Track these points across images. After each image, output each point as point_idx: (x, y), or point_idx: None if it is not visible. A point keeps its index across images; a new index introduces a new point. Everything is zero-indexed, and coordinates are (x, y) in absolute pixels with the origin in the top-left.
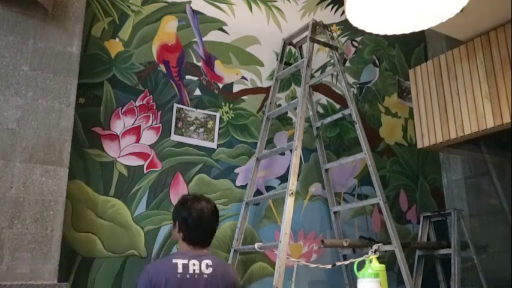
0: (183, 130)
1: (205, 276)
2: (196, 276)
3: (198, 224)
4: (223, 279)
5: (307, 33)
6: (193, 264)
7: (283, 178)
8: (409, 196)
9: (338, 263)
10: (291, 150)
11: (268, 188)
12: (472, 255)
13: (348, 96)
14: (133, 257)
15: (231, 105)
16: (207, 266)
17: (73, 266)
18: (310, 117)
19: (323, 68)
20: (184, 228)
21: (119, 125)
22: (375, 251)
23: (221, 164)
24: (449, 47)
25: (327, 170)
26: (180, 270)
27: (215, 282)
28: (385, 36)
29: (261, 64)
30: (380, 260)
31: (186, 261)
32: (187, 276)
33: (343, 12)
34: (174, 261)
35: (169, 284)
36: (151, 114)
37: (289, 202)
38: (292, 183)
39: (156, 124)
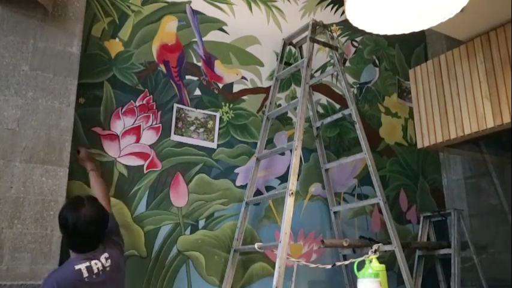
0: (183, 130)
1: (108, 269)
2: (101, 273)
3: (73, 233)
4: (119, 260)
5: (307, 33)
6: (96, 264)
7: (283, 178)
8: (409, 196)
9: (338, 263)
10: (291, 150)
11: (268, 188)
12: (472, 255)
13: (348, 96)
14: (134, 257)
15: (231, 105)
16: (106, 259)
17: None
18: (310, 117)
19: (323, 68)
20: (63, 236)
21: (119, 125)
22: (375, 251)
23: (221, 164)
24: (449, 47)
25: (327, 170)
26: (85, 274)
27: (116, 268)
28: (385, 36)
29: (261, 64)
30: (380, 260)
31: (88, 263)
32: (94, 277)
33: (343, 12)
34: (76, 267)
35: None
36: (151, 114)
37: (289, 202)
38: (292, 183)
39: (156, 124)
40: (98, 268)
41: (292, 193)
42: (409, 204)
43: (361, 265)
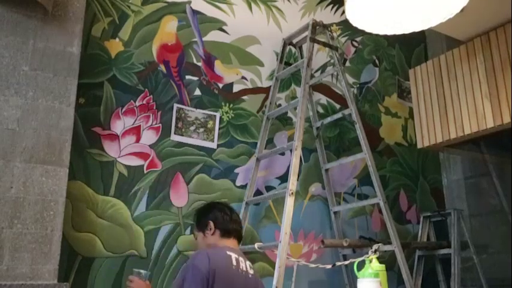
0: (183, 130)
1: (250, 276)
2: (244, 273)
3: (231, 218)
4: (261, 286)
5: (307, 33)
6: (242, 261)
7: (283, 178)
8: (409, 196)
9: (338, 263)
10: (291, 150)
11: (268, 188)
12: (472, 255)
13: (348, 96)
14: (133, 257)
15: (231, 105)
16: (250, 267)
17: (73, 266)
18: (310, 117)
19: (323, 68)
20: (220, 223)
21: (119, 125)
22: (375, 251)
23: (221, 164)
24: (449, 47)
25: (327, 170)
26: (234, 263)
27: (256, 285)
28: (385, 36)
29: (261, 64)
30: (380, 260)
31: (236, 255)
32: (239, 270)
33: (343, 12)
34: (228, 253)
35: (225, 274)
36: (151, 114)
37: (289, 202)
38: (292, 183)
39: (156, 124)
40: (243, 266)
41: (292, 193)
42: (409, 204)
43: (361, 265)
